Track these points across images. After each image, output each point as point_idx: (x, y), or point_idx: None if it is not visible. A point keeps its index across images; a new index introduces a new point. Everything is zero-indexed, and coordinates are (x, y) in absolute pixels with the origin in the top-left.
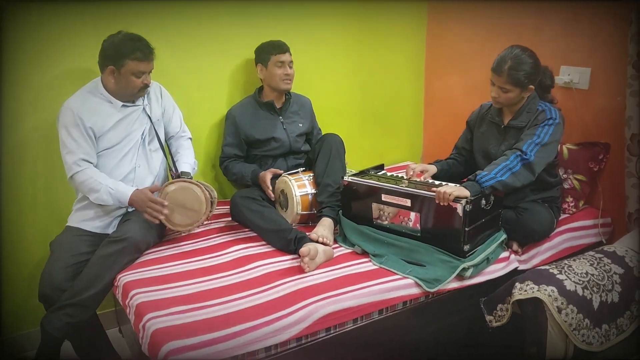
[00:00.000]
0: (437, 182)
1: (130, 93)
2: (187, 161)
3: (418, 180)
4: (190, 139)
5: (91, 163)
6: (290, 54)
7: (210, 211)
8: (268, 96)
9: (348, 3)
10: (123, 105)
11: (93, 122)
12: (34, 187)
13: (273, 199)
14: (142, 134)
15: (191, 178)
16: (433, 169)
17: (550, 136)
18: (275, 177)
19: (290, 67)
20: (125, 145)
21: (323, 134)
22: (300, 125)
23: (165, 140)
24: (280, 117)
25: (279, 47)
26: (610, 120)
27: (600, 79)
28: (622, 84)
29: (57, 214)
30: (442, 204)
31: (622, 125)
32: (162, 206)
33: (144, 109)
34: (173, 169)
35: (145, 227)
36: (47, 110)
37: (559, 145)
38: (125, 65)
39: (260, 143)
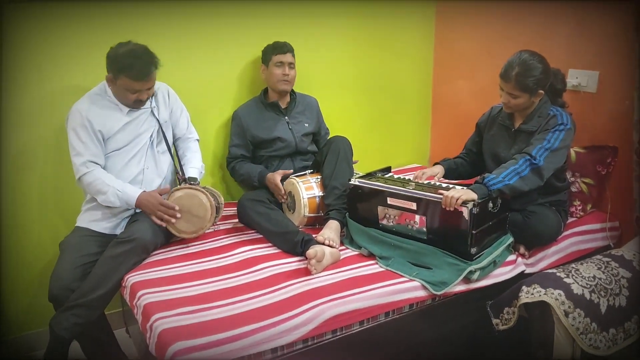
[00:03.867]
0: (444, 185)
1: (125, 104)
2: (195, 165)
3: (425, 182)
4: (198, 140)
5: (99, 165)
6: (293, 56)
7: (217, 217)
8: (273, 97)
9: (356, 6)
10: (130, 110)
11: (102, 124)
12: (44, 187)
13: (283, 201)
14: (151, 136)
15: (198, 183)
16: (441, 171)
17: (560, 142)
18: (284, 178)
19: (291, 69)
20: (133, 147)
21: (330, 136)
22: (306, 125)
23: (173, 142)
24: (286, 117)
25: (280, 48)
26: (618, 123)
27: (609, 82)
28: (631, 87)
29: (66, 214)
30: (448, 209)
31: (631, 129)
32: (174, 210)
33: (152, 111)
34: (180, 172)
35: (153, 228)
36: (56, 111)
37: None
38: (120, 79)
39: (266, 143)
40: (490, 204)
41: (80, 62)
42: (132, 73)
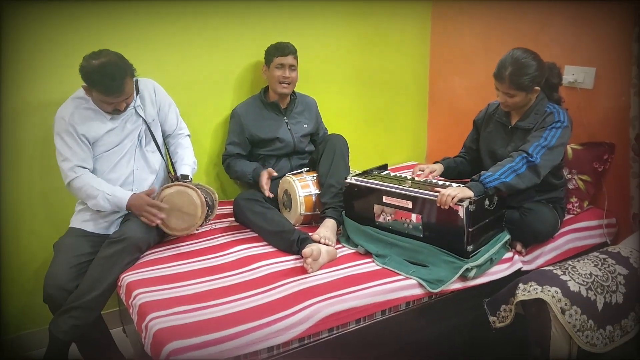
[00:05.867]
0: (440, 182)
1: (105, 111)
2: (187, 162)
3: (422, 180)
4: (189, 136)
5: (87, 169)
6: (295, 58)
7: (210, 214)
8: (273, 97)
9: (352, 4)
10: (112, 116)
11: (85, 129)
12: (32, 188)
13: (269, 197)
14: (139, 135)
15: (191, 180)
16: (440, 169)
17: (557, 139)
18: (274, 178)
19: (292, 71)
20: (121, 148)
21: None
22: (305, 126)
23: (163, 140)
24: (285, 118)
25: (281, 50)
26: (614, 120)
27: (605, 78)
28: (627, 84)
29: (58, 215)
30: (443, 207)
31: (627, 125)
32: (160, 209)
33: (136, 111)
34: (172, 171)
35: (145, 227)
36: (42, 112)
37: None
38: (93, 92)
39: (264, 143)
40: (487, 202)
41: (72, 65)
42: (103, 89)
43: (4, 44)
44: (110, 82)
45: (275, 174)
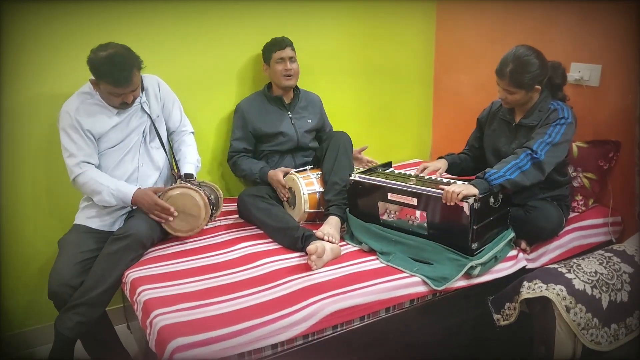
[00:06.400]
0: (445, 180)
1: (112, 105)
2: (190, 160)
3: (427, 177)
4: (193, 133)
5: (92, 164)
6: (293, 50)
7: (215, 211)
8: (277, 91)
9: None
10: (119, 110)
11: (91, 124)
12: (37, 184)
13: (286, 199)
14: (143, 132)
15: (195, 179)
16: (444, 165)
17: (561, 136)
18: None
19: (293, 62)
20: (126, 144)
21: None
22: (309, 121)
23: (167, 136)
24: (289, 113)
25: (279, 44)
26: (621, 117)
27: (611, 76)
28: (634, 81)
29: (62, 211)
30: (448, 204)
31: (633, 123)
32: (169, 212)
33: (142, 107)
34: (175, 169)
35: (149, 223)
36: (47, 106)
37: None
38: (102, 84)
39: (268, 137)
40: (492, 199)
41: (77, 58)
42: (112, 80)
43: (10, 38)
44: (118, 73)
45: (290, 170)
